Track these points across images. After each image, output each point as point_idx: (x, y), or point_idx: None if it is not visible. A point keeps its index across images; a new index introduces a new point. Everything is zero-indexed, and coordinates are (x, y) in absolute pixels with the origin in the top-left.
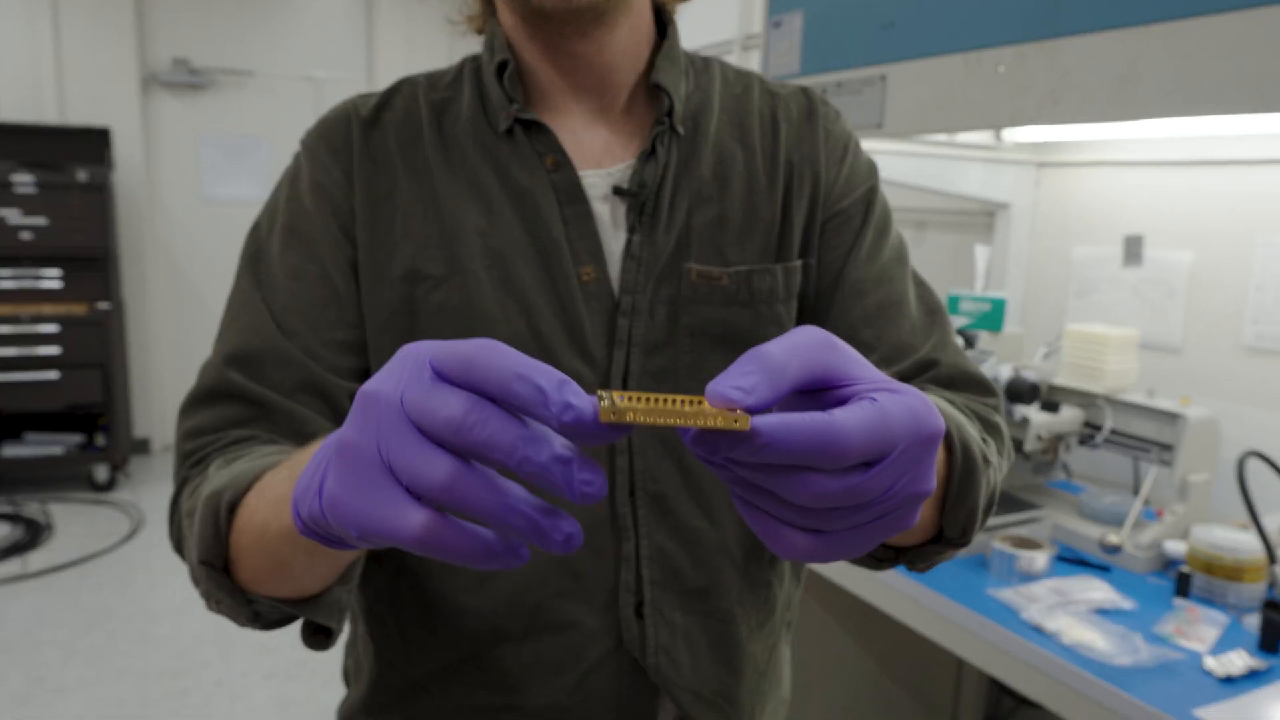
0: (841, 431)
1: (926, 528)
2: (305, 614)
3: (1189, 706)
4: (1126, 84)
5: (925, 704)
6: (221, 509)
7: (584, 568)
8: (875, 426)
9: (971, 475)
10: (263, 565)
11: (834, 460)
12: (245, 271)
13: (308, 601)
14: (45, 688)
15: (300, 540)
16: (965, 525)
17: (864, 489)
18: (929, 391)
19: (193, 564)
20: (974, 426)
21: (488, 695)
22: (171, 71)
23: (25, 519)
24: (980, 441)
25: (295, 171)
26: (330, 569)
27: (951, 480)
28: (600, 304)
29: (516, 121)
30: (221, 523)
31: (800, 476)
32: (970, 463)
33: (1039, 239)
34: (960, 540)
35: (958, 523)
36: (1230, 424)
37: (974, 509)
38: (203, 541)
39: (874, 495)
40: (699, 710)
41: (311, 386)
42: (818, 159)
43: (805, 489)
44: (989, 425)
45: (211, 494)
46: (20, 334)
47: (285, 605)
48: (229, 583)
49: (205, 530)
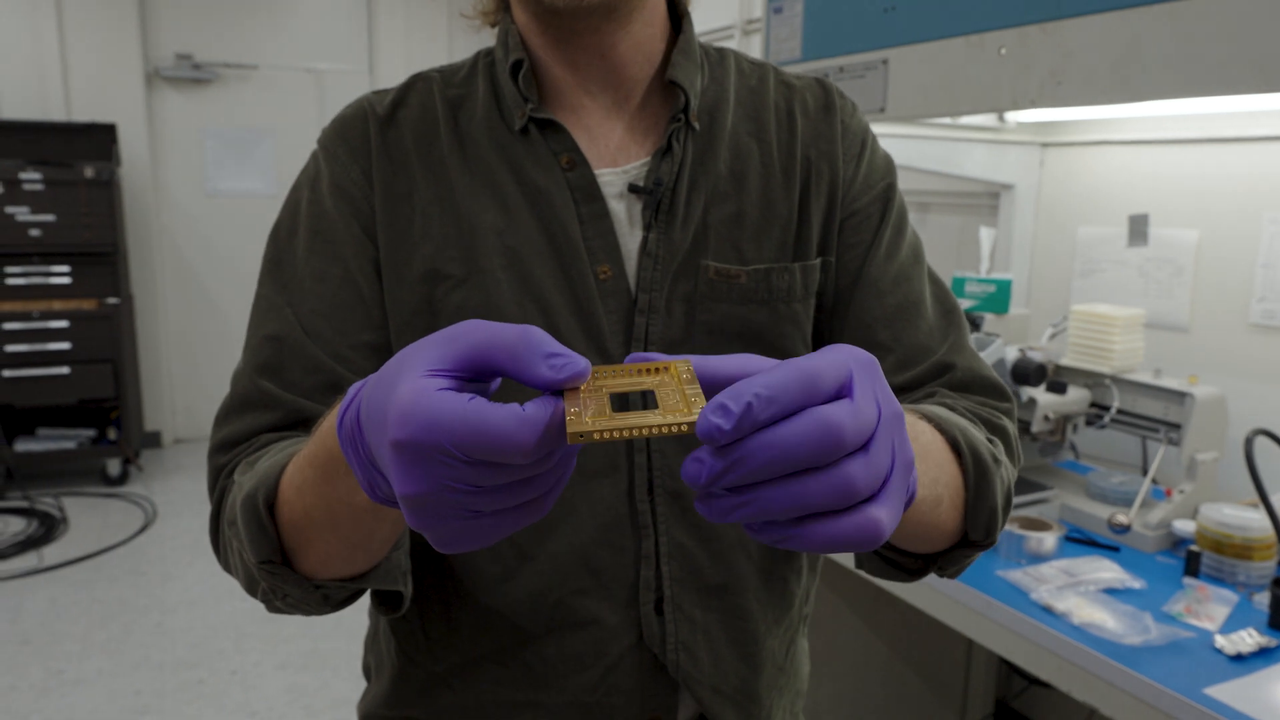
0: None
1: (953, 533)
2: (371, 584)
3: (1199, 685)
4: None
5: (936, 685)
6: (260, 508)
7: (604, 565)
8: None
9: (985, 475)
10: (330, 545)
11: (813, 389)
12: (268, 277)
13: (369, 574)
14: (64, 679)
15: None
16: (988, 525)
17: (863, 412)
18: (939, 396)
19: (250, 568)
20: (979, 430)
21: (510, 691)
22: (175, 66)
23: (40, 513)
24: (987, 443)
25: (314, 173)
26: (392, 528)
27: (967, 482)
28: (617, 302)
29: (531, 120)
30: (265, 521)
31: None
32: (981, 464)
33: (1044, 220)
34: (985, 541)
35: (981, 524)
36: (1238, 402)
37: (994, 508)
38: (254, 544)
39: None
40: (718, 705)
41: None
42: (835, 155)
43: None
44: (994, 428)
45: (246, 498)
46: (31, 330)
47: (350, 583)
48: (294, 574)
49: (253, 533)
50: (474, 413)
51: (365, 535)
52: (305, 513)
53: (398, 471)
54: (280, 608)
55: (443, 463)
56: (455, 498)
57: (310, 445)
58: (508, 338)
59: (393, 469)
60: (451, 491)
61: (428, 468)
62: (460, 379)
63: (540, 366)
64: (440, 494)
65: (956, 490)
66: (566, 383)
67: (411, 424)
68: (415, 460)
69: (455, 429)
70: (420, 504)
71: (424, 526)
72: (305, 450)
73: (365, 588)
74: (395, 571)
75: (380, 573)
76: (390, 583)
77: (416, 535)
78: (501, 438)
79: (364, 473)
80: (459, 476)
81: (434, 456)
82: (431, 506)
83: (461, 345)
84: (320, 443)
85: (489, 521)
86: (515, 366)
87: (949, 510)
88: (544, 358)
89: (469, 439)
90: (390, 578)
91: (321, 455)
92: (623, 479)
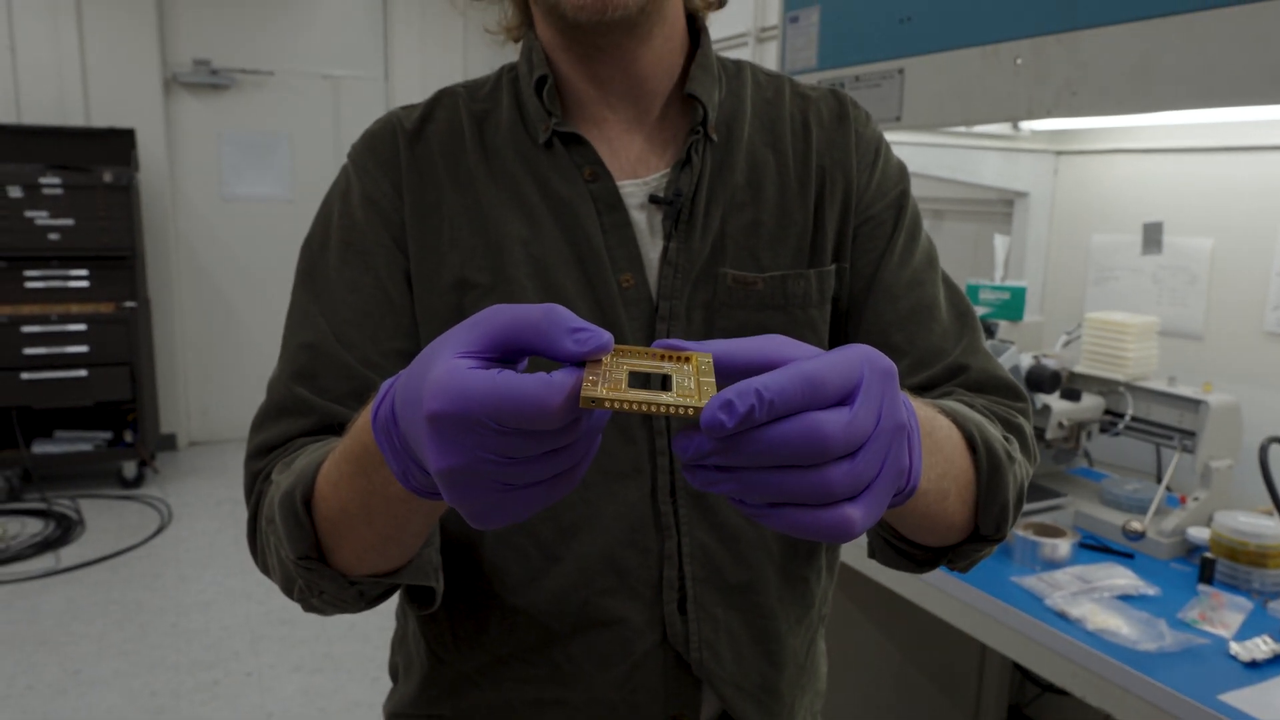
0: (815, 368)
1: (963, 527)
2: (404, 580)
3: (1214, 692)
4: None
5: (950, 691)
6: (298, 505)
7: (629, 565)
8: (834, 360)
9: (998, 471)
10: (365, 538)
11: (816, 396)
12: (301, 286)
13: (403, 570)
14: (81, 679)
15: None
16: (999, 521)
17: (857, 424)
18: (955, 396)
19: (287, 566)
20: (995, 427)
21: (537, 689)
22: (193, 72)
23: (57, 515)
24: (1002, 440)
25: (345, 186)
26: (425, 521)
27: (980, 478)
28: (639, 309)
29: (555, 134)
30: (302, 518)
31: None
32: (995, 460)
33: (1058, 227)
34: (996, 535)
35: (991, 518)
36: (1252, 410)
37: (1005, 504)
38: (292, 539)
39: (868, 428)
40: (741, 702)
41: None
42: (849, 163)
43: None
44: (1010, 426)
45: (284, 495)
46: (49, 333)
47: (384, 579)
48: (330, 570)
49: (290, 528)
50: (503, 381)
51: (398, 527)
52: (341, 507)
53: (433, 446)
54: (316, 605)
55: (476, 433)
56: (489, 469)
57: (345, 441)
58: (533, 316)
59: (428, 444)
60: (485, 463)
61: (462, 439)
62: (489, 360)
63: (565, 340)
64: (475, 466)
65: (966, 485)
66: (590, 354)
67: (444, 396)
68: (450, 432)
69: (485, 398)
70: (456, 477)
71: (459, 500)
72: (340, 447)
73: (399, 583)
74: (427, 567)
75: (413, 568)
76: (422, 578)
77: (447, 536)
78: (528, 401)
79: (398, 461)
80: (492, 446)
81: (468, 427)
82: (467, 479)
83: (487, 328)
84: (355, 438)
85: (523, 494)
86: (542, 342)
87: (956, 504)
88: (569, 332)
89: (499, 405)
90: (422, 573)
91: (356, 449)
92: (646, 481)
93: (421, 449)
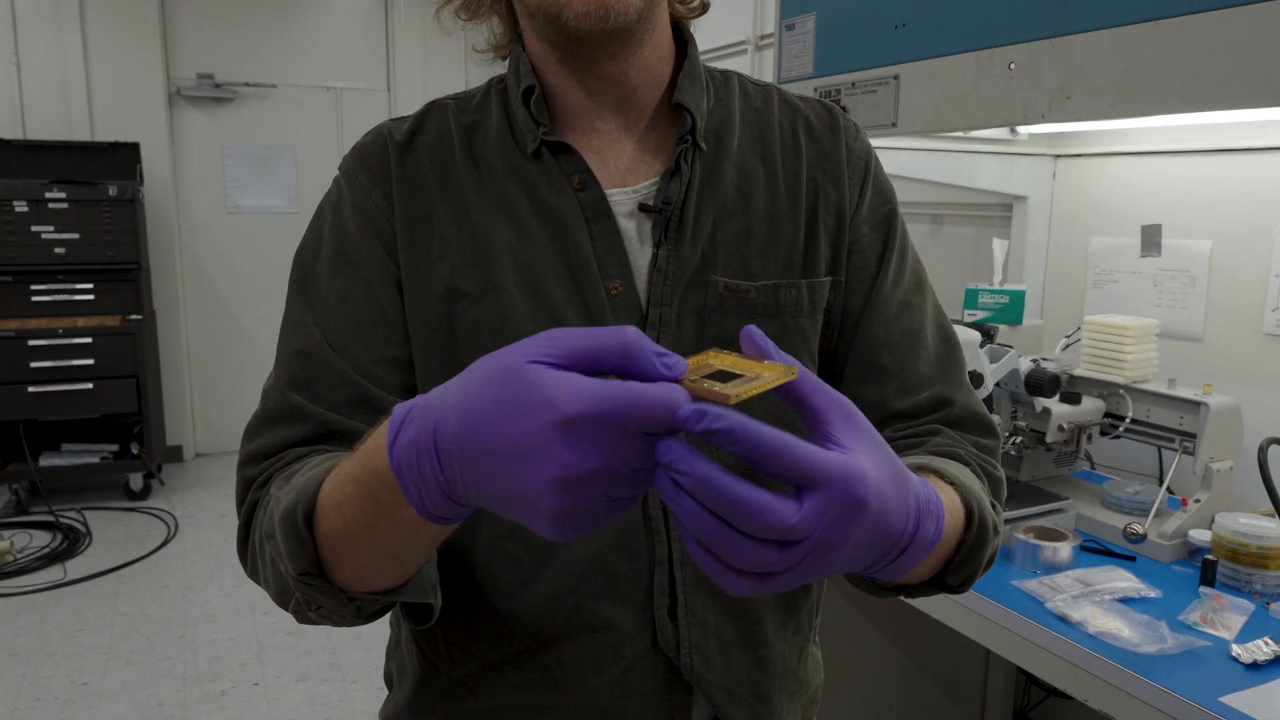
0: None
1: (925, 575)
2: (403, 598)
3: (1216, 693)
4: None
5: (954, 695)
6: (299, 521)
7: (620, 570)
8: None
9: (982, 543)
10: (366, 558)
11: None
12: (295, 296)
13: (402, 588)
14: (88, 691)
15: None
16: (966, 579)
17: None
18: (943, 436)
19: (284, 579)
20: (985, 490)
21: (529, 694)
22: (197, 86)
23: (64, 527)
24: (991, 508)
25: (336, 197)
26: (430, 543)
27: (964, 545)
28: (629, 316)
29: (543, 143)
30: (304, 535)
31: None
32: (983, 533)
33: (1056, 230)
34: (958, 589)
35: (960, 576)
36: (1252, 411)
37: (977, 569)
38: (293, 556)
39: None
40: (732, 707)
41: (365, 403)
42: (841, 178)
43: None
44: (993, 481)
45: (285, 512)
46: (56, 346)
47: (383, 595)
48: (330, 586)
49: (292, 546)
50: (626, 386)
51: (403, 550)
52: (344, 527)
53: (567, 450)
54: (312, 618)
55: (613, 437)
56: (612, 476)
57: (352, 463)
58: (615, 341)
59: (559, 448)
60: (608, 473)
61: (599, 442)
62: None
63: (655, 364)
64: (602, 472)
65: (949, 551)
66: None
67: (585, 399)
68: (587, 433)
69: (619, 400)
70: (577, 485)
71: (561, 508)
72: (346, 468)
73: (398, 600)
74: (426, 584)
75: (412, 586)
76: (421, 595)
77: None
78: (657, 404)
79: (418, 489)
80: (626, 451)
81: (609, 428)
82: (585, 486)
83: (567, 345)
84: (365, 461)
85: (612, 507)
86: (631, 366)
87: (932, 563)
88: (656, 356)
89: (633, 408)
90: (421, 590)
91: (367, 473)
92: None
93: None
